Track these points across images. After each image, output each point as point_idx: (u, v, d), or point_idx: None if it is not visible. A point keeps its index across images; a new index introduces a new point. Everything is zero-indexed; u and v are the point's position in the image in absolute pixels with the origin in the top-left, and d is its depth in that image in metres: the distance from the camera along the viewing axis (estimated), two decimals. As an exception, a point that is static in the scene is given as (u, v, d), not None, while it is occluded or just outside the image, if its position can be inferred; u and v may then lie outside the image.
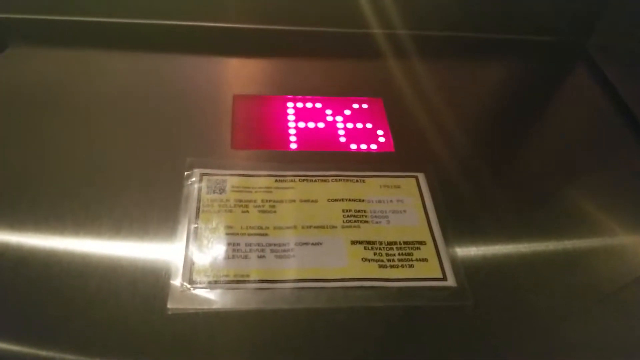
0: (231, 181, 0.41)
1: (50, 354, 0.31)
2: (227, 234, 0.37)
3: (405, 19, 0.55)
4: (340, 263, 0.37)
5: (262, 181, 0.41)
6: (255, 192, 0.40)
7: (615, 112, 0.53)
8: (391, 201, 0.41)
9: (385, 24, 0.56)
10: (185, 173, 0.41)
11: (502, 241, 0.40)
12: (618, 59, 0.57)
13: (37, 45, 0.52)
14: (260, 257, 0.36)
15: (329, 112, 0.48)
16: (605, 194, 0.45)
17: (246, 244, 0.37)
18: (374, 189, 0.42)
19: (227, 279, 0.35)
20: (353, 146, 0.46)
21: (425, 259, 0.37)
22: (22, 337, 0.32)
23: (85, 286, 0.34)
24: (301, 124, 0.47)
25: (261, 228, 0.38)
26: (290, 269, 0.36)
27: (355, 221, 0.39)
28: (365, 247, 0.38)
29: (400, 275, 0.36)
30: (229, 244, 0.37)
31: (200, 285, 0.35)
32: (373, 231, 0.39)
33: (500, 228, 0.41)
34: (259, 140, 0.45)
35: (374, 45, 0.57)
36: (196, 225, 0.38)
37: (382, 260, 0.37)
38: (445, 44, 0.58)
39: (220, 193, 0.40)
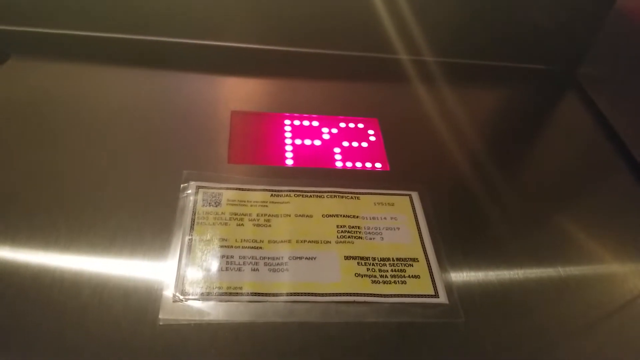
0: (227, 194, 0.41)
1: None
2: (221, 246, 0.38)
3: (401, 44, 0.57)
4: (334, 278, 0.37)
5: (257, 195, 0.41)
6: (251, 205, 0.41)
7: (605, 139, 0.54)
8: (385, 218, 0.41)
9: (382, 48, 0.57)
10: (181, 185, 0.41)
11: (494, 260, 0.40)
12: (607, 86, 0.58)
13: (38, 58, 0.52)
14: (253, 270, 0.36)
15: (325, 130, 0.49)
16: (595, 220, 0.45)
17: (240, 257, 0.37)
18: (368, 206, 0.42)
19: (220, 291, 0.35)
20: (348, 164, 0.46)
21: (418, 275, 0.38)
22: (13, 349, 0.31)
23: (77, 297, 0.34)
24: (298, 141, 0.48)
25: (256, 241, 0.38)
26: (284, 283, 0.36)
27: (349, 237, 0.40)
28: (358, 263, 0.38)
29: (392, 291, 0.37)
30: (222, 257, 0.37)
31: (193, 297, 0.34)
32: (367, 247, 0.39)
33: (492, 247, 0.41)
34: (255, 155, 0.46)
35: (371, 67, 0.58)
36: (190, 237, 0.38)
37: (375, 276, 0.37)
38: (440, 69, 0.59)
39: (216, 206, 0.40)
